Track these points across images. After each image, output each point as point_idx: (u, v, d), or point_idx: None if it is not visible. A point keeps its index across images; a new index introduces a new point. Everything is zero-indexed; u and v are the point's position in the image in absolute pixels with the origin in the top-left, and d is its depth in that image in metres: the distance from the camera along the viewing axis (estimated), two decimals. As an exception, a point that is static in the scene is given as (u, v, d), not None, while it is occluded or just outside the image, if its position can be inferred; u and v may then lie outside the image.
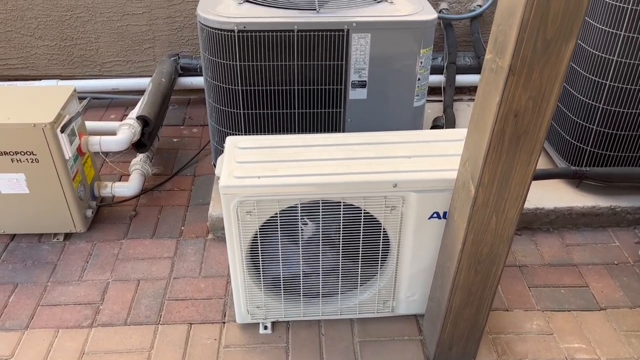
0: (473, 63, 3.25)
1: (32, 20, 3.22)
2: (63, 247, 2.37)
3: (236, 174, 1.70)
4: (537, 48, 1.22)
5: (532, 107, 1.31)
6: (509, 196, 1.47)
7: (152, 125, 2.58)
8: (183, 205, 2.64)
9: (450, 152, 1.82)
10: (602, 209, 2.45)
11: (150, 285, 2.20)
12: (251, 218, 1.72)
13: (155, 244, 2.40)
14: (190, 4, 3.21)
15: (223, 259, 2.32)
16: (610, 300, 2.15)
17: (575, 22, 1.19)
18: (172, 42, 3.34)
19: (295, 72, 2.18)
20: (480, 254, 1.60)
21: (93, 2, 3.17)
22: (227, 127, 2.33)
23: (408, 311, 2.04)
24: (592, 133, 2.38)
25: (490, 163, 1.40)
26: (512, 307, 2.12)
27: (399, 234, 1.81)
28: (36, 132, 2.11)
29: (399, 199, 1.73)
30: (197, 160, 2.95)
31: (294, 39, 2.10)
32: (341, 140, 1.89)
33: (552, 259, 2.34)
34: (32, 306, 2.10)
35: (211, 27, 2.11)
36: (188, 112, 3.38)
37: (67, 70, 3.41)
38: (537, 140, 1.38)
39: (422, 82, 2.29)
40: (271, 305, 1.96)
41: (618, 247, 2.40)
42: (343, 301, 1.99)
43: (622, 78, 2.23)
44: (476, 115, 1.44)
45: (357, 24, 2.09)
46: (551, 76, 1.27)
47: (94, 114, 3.31)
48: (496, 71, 1.31)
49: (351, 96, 2.26)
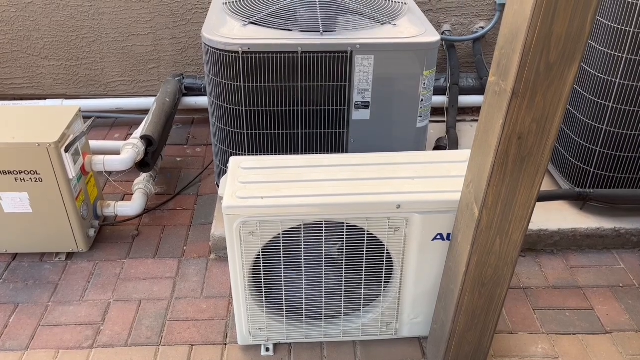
0: (476, 84, 3.27)
1: (39, 40, 3.25)
2: (65, 267, 2.36)
3: (239, 195, 1.70)
4: (540, 71, 1.23)
5: (535, 130, 1.32)
6: (513, 218, 1.47)
7: (155, 144, 2.59)
8: (186, 224, 2.63)
9: (454, 174, 1.81)
10: (606, 230, 2.44)
11: (152, 306, 2.18)
12: (254, 239, 1.72)
13: (157, 264, 2.39)
14: (195, 25, 3.24)
15: (225, 279, 2.31)
16: (616, 323, 2.12)
17: (578, 46, 1.20)
18: (177, 62, 3.37)
19: (299, 93, 2.19)
20: (485, 277, 1.59)
21: (99, 23, 3.21)
22: (231, 147, 2.34)
23: (411, 334, 2.02)
24: (595, 155, 2.38)
25: (494, 185, 1.40)
26: (516, 330, 2.09)
27: (402, 256, 1.80)
28: (40, 152, 2.12)
29: (403, 220, 1.72)
30: (200, 179, 2.95)
31: (297, 60, 2.12)
32: (344, 161, 1.89)
33: (557, 281, 2.32)
34: (33, 326, 2.09)
35: (216, 49, 2.12)
36: (192, 132, 3.40)
37: (72, 89, 3.43)
38: (541, 162, 1.38)
39: (425, 103, 2.29)
40: (273, 326, 1.94)
41: (623, 270, 2.38)
42: (346, 323, 1.97)
43: (625, 100, 2.24)
44: (480, 137, 1.44)
45: (361, 45, 2.11)
46: (554, 99, 1.27)
47: (99, 133, 3.33)
48: (499, 94, 1.31)
49: (354, 117, 2.27)
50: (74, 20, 3.19)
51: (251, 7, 2.36)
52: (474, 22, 3.32)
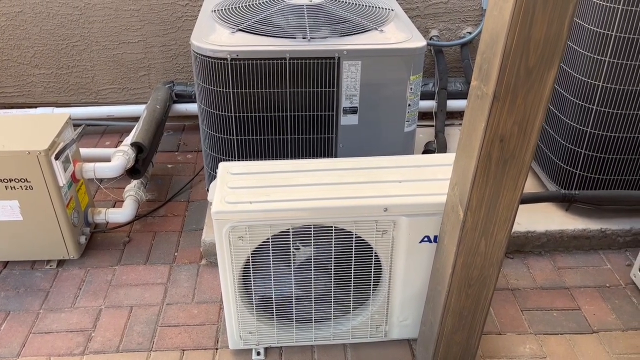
0: (464, 88, 3.30)
1: (29, 49, 3.26)
2: (56, 274, 2.37)
3: (228, 200, 1.72)
4: (520, 75, 1.26)
5: (517, 132, 1.34)
6: (497, 219, 1.49)
7: (146, 151, 2.61)
8: (177, 230, 2.64)
9: (440, 177, 1.84)
10: (592, 231, 2.47)
11: (143, 312, 2.19)
12: (243, 243, 1.73)
13: (149, 270, 2.40)
14: (184, 33, 3.26)
15: (216, 284, 2.32)
16: (603, 323, 2.15)
17: (556, 50, 1.23)
18: (167, 69, 3.39)
19: (288, 99, 2.22)
20: (471, 278, 1.61)
21: (89, 31, 3.23)
22: (221, 153, 2.36)
23: (401, 335, 2.04)
24: (580, 157, 2.42)
25: (478, 187, 1.42)
26: (505, 331, 2.12)
27: (390, 258, 1.82)
28: (30, 160, 2.13)
29: (390, 223, 1.74)
30: (191, 186, 2.97)
31: (286, 66, 2.14)
32: (332, 165, 1.91)
33: (544, 282, 2.35)
34: (24, 334, 2.09)
35: (205, 56, 2.14)
36: (182, 138, 3.41)
37: (62, 97, 3.44)
38: (523, 164, 1.40)
39: (412, 107, 2.32)
40: (264, 331, 1.96)
41: (609, 270, 2.41)
42: (336, 326, 1.99)
43: (608, 103, 2.27)
44: (463, 140, 1.47)
45: (348, 51, 2.13)
46: (535, 102, 1.30)
47: (90, 141, 3.34)
48: (481, 97, 1.34)
49: (343, 122, 2.29)
50: (64, 28, 3.21)
51: (239, 14, 2.38)
52: (461, 27, 3.36)
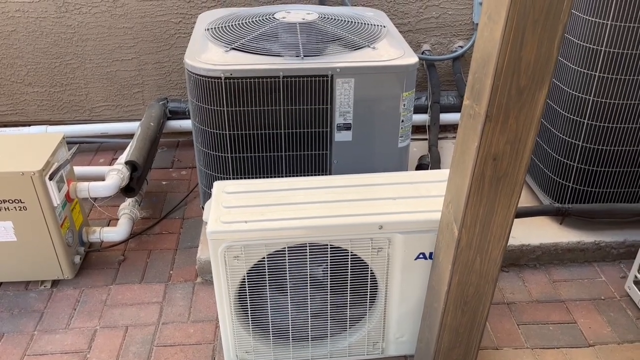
0: (456, 102, 3.33)
1: (22, 67, 3.26)
2: (50, 295, 2.35)
3: (223, 219, 1.72)
4: (511, 95, 1.27)
5: (509, 151, 1.36)
6: (491, 237, 1.50)
7: (140, 169, 2.60)
8: (172, 248, 2.63)
9: (434, 193, 1.85)
10: (587, 244, 2.48)
11: (139, 332, 2.18)
12: (239, 263, 1.73)
13: (144, 289, 2.39)
14: (178, 49, 3.28)
15: (212, 302, 2.32)
16: (599, 336, 2.16)
17: (546, 70, 1.25)
18: (161, 86, 3.39)
19: (282, 116, 2.23)
20: (466, 295, 1.61)
21: (83, 49, 3.23)
22: (215, 170, 2.36)
23: (398, 352, 2.04)
24: (573, 170, 2.44)
25: (472, 205, 1.43)
26: (501, 346, 2.12)
27: (386, 275, 1.83)
28: (24, 180, 2.12)
29: (385, 240, 1.75)
30: (186, 202, 2.96)
31: (279, 84, 2.15)
32: (327, 183, 1.92)
33: (540, 295, 2.35)
34: (19, 356, 2.07)
35: (198, 75, 2.15)
36: (177, 155, 3.41)
37: (56, 115, 3.44)
38: (516, 182, 1.41)
39: (405, 123, 2.34)
40: (260, 350, 1.95)
41: (604, 282, 2.42)
42: (333, 344, 1.98)
43: (599, 117, 2.30)
44: (457, 158, 1.48)
45: (341, 69, 2.15)
46: (526, 121, 1.31)
47: (83, 158, 3.33)
48: (474, 117, 1.35)
49: (337, 138, 2.30)
50: (58, 46, 3.21)
51: (233, 33, 2.40)
52: (452, 41, 3.39)
